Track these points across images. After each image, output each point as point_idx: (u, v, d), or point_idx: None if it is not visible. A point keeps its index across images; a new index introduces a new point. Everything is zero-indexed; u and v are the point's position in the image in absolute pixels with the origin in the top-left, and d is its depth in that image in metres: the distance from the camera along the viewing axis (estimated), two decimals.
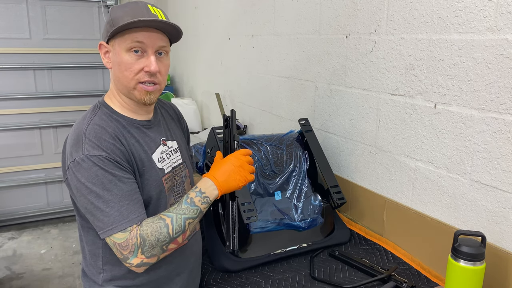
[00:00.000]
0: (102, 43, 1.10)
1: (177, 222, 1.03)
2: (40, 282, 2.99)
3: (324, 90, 1.86)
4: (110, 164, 1.01)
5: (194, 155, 1.75)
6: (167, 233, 1.02)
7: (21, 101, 3.76)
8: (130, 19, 1.02)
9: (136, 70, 1.06)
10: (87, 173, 1.00)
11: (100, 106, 1.13)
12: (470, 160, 1.23)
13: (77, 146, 1.02)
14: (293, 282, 1.32)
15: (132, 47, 1.05)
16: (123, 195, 1.01)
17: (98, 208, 1.00)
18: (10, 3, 3.57)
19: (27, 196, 3.90)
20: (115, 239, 1.01)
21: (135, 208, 1.02)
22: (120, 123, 1.10)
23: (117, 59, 1.07)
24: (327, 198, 1.62)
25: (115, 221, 1.00)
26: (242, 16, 2.62)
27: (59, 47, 3.82)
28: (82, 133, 1.04)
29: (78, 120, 1.11)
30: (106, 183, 1.00)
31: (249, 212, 1.35)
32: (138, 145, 1.11)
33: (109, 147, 1.03)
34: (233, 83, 2.87)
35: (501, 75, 1.12)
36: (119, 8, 1.08)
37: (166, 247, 1.04)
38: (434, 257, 1.35)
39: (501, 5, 1.11)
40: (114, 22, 1.05)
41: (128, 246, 1.00)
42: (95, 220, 1.02)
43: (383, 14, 1.49)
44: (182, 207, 1.05)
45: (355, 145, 1.70)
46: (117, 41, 1.07)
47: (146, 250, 1.01)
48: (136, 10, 1.05)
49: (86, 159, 1.00)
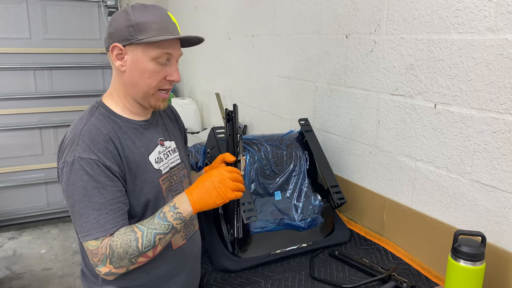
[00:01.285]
0: (117, 45, 1.05)
1: (147, 237, 1.02)
2: (40, 282, 2.99)
3: (324, 90, 1.86)
4: (98, 169, 1.01)
5: (194, 155, 1.75)
6: (136, 247, 1.01)
7: (21, 101, 3.77)
8: (160, 29, 1.03)
9: (160, 78, 1.08)
10: (74, 175, 1.00)
11: (98, 106, 1.12)
12: (470, 160, 1.23)
13: (71, 147, 1.03)
14: (293, 282, 1.32)
15: (160, 57, 1.06)
16: (104, 203, 1.01)
17: (78, 212, 1.01)
18: (10, 3, 3.57)
19: (27, 196, 3.90)
20: (89, 245, 1.02)
21: (113, 218, 1.02)
22: (117, 124, 1.10)
23: (139, 66, 1.06)
24: (327, 198, 1.62)
25: (91, 229, 1.01)
26: (242, 16, 2.62)
27: (59, 47, 3.83)
28: (78, 134, 1.04)
29: (76, 120, 1.11)
30: (90, 189, 1.00)
31: (249, 212, 1.35)
32: (134, 146, 1.10)
33: (101, 150, 1.02)
34: (233, 83, 2.87)
35: (501, 75, 1.13)
36: (142, 11, 1.05)
37: (135, 260, 1.03)
38: (434, 257, 1.35)
39: (501, 5, 1.11)
40: (140, 28, 1.03)
41: (98, 254, 1.01)
42: (75, 222, 1.04)
43: (383, 14, 1.49)
44: (154, 222, 1.04)
45: (355, 145, 1.70)
46: (141, 48, 1.05)
47: (114, 261, 1.01)
48: (162, 19, 1.06)
49: (76, 162, 1.00)
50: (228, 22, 2.84)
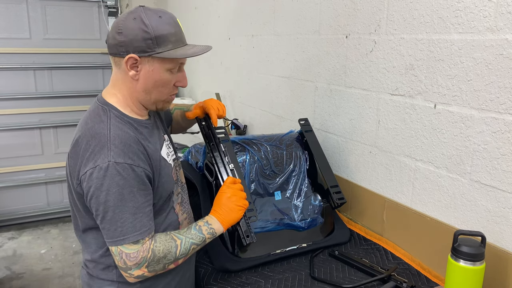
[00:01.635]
0: (133, 56, 1.04)
1: (184, 245, 1.11)
2: (40, 282, 2.99)
3: (324, 90, 1.86)
4: (133, 173, 1.02)
5: (194, 155, 1.75)
6: (174, 253, 1.09)
7: (21, 101, 3.77)
8: (176, 42, 1.07)
9: (172, 86, 1.13)
10: (109, 181, 1.00)
11: (109, 109, 1.10)
12: (470, 160, 1.23)
13: (102, 152, 1.01)
14: (293, 282, 1.32)
15: (174, 68, 1.10)
16: (138, 208, 1.04)
17: (112, 217, 1.02)
18: (10, 3, 3.57)
19: (27, 196, 3.90)
20: (124, 248, 1.03)
21: (146, 221, 1.06)
22: (132, 125, 1.11)
23: (154, 76, 1.08)
24: (327, 198, 1.62)
25: (127, 232, 1.03)
26: (242, 16, 2.62)
27: (59, 47, 3.83)
28: (106, 138, 1.03)
29: (89, 123, 1.08)
30: (126, 194, 1.01)
31: (249, 212, 1.35)
32: (151, 145, 1.13)
33: (135, 153, 1.04)
34: (233, 83, 2.87)
35: (501, 75, 1.13)
36: (159, 23, 1.05)
37: (167, 265, 1.10)
38: (434, 257, 1.35)
39: (501, 5, 1.11)
40: (159, 42, 1.04)
41: (137, 258, 1.04)
42: (105, 229, 1.04)
43: (383, 14, 1.49)
44: (191, 232, 1.13)
45: (355, 145, 1.70)
46: (158, 60, 1.06)
47: (151, 265, 1.06)
48: (176, 28, 1.08)
49: (111, 167, 1.00)
50: (228, 22, 2.84)
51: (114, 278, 1.15)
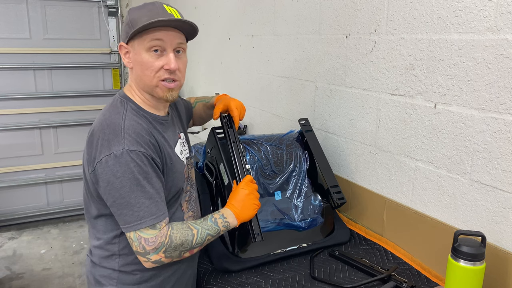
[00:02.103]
0: (122, 44, 1.15)
1: (200, 235, 1.14)
2: (40, 282, 2.99)
3: (324, 90, 1.86)
4: (146, 160, 1.06)
5: (194, 155, 1.75)
6: (190, 241, 1.12)
7: (21, 101, 3.77)
8: (149, 20, 1.07)
9: (156, 69, 1.11)
10: (124, 167, 1.03)
11: (126, 101, 1.16)
12: (470, 160, 1.23)
13: (116, 140, 1.05)
14: (293, 282, 1.32)
15: (152, 46, 1.10)
16: (153, 193, 1.07)
17: (128, 203, 1.05)
18: (10, 3, 3.57)
19: (27, 196, 3.90)
20: (142, 233, 1.06)
21: (161, 206, 1.09)
22: (147, 119, 1.15)
23: (137, 59, 1.12)
24: (327, 198, 1.62)
25: (144, 216, 1.06)
26: (242, 16, 2.62)
27: (59, 47, 3.83)
28: (120, 127, 1.07)
29: (107, 114, 1.13)
30: (141, 179, 1.05)
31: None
32: (164, 140, 1.17)
33: (147, 143, 1.08)
34: (233, 83, 2.87)
35: (501, 75, 1.13)
36: (137, 9, 1.12)
37: (183, 253, 1.13)
38: (434, 257, 1.35)
39: (501, 5, 1.11)
40: (133, 23, 1.09)
41: (155, 242, 1.07)
42: (122, 214, 1.07)
43: (383, 14, 1.49)
44: (208, 224, 1.17)
45: (355, 145, 1.70)
46: (136, 41, 1.11)
47: (168, 251, 1.09)
48: (153, 10, 1.10)
49: (126, 154, 1.04)
50: (228, 22, 2.84)
51: (115, 267, 1.18)
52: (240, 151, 1.39)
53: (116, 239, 1.16)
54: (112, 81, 4.04)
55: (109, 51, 4.01)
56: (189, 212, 1.30)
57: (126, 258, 1.17)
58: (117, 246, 1.17)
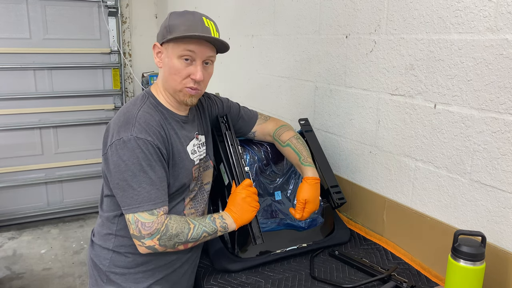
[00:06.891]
0: (156, 44, 1.23)
1: (196, 230, 1.18)
2: (40, 282, 2.99)
3: (324, 90, 1.86)
4: (152, 149, 1.13)
5: None
6: (186, 234, 1.16)
7: (21, 101, 3.77)
8: (186, 30, 1.15)
9: (183, 76, 1.19)
10: (130, 152, 1.11)
11: (148, 96, 1.24)
12: (470, 160, 1.23)
13: (126, 127, 1.14)
14: (293, 282, 1.32)
15: (183, 54, 1.17)
16: (155, 181, 1.13)
17: (130, 186, 1.12)
18: (10, 3, 3.57)
19: (27, 196, 3.90)
20: (140, 217, 1.12)
21: (161, 194, 1.15)
22: (163, 115, 1.23)
23: (168, 63, 1.19)
24: (327, 198, 1.62)
25: (143, 201, 1.12)
26: (242, 16, 2.62)
27: (59, 47, 3.83)
28: (133, 117, 1.16)
29: (127, 105, 1.24)
30: (144, 166, 1.12)
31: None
32: (176, 137, 1.23)
33: (155, 133, 1.15)
34: (233, 83, 2.87)
35: (501, 75, 1.13)
36: (178, 16, 1.19)
37: (177, 245, 1.17)
38: (434, 257, 1.35)
39: (501, 5, 1.11)
40: (171, 29, 1.17)
41: (151, 228, 1.12)
42: (123, 196, 1.13)
43: (383, 14, 1.49)
44: (206, 221, 1.21)
45: (355, 145, 1.70)
46: (170, 46, 1.18)
47: (163, 239, 1.13)
48: (192, 22, 1.17)
49: (133, 140, 1.12)
50: (228, 22, 2.84)
51: (110, 246, 1.26)
52: (238, 153, 1.39)
53: (116, 219, 1.24)
54: (112, 81, 4.04)
55: (109, 51, 4.01)
56: (191, 209, 1.31)
57: (121, 240, 1.24)
58: (115, 226, 1.24)
